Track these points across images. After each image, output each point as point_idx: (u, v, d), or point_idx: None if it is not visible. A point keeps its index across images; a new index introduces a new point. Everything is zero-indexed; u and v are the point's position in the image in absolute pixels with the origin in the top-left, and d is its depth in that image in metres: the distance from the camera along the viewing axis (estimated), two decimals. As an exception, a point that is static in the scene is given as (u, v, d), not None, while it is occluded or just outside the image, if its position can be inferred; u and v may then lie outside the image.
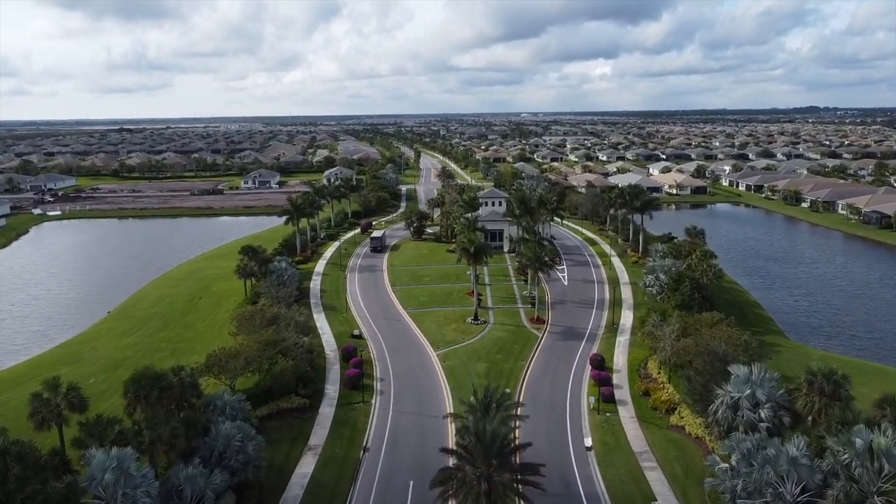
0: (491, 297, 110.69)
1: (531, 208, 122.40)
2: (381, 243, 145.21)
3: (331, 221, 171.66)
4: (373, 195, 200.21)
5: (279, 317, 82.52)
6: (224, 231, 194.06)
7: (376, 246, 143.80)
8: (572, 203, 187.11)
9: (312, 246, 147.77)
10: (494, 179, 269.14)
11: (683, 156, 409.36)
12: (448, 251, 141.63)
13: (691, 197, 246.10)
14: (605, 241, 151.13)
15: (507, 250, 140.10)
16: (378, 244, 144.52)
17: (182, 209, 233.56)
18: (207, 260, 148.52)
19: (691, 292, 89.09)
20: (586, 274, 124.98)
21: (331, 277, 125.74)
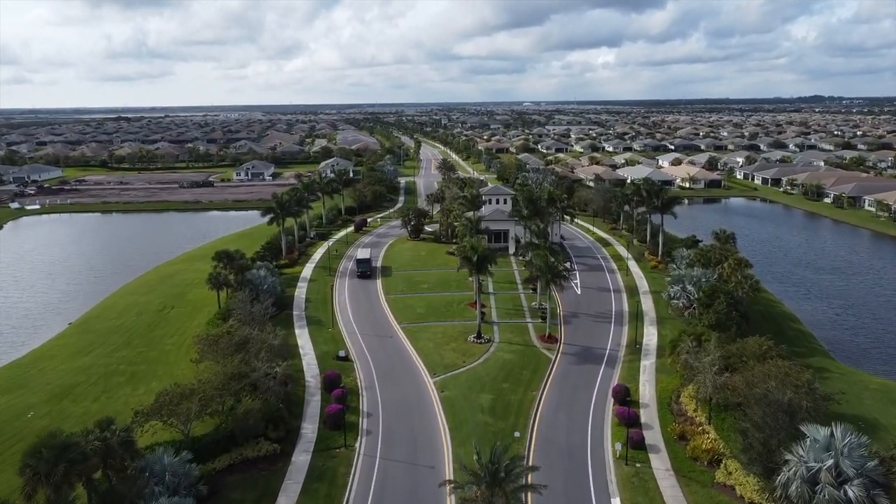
0: (496, 310, 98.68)
1: (540, 208, 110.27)
2: (368, 267, 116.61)
3: (322, 219, 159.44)
4: (369, 189, 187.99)
5: (250, 340, 70.59)
6: (211, 227, 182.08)
7: (364, 271, 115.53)
8: (581, 199, 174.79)
9: (301, 247, 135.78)
10: (497, 171, 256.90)
11: (692, 147, 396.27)
12: (448, 253, 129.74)
13: (705, 191, 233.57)
14: (620, 242, 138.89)
15: (513, 253, 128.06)
16: (366, 268, 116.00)
17: (169, 203, 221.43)
18: (187, 261, 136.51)
19: (728, 310, 76.94)
20: (601, 281, 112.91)
21: (318, 284, 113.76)
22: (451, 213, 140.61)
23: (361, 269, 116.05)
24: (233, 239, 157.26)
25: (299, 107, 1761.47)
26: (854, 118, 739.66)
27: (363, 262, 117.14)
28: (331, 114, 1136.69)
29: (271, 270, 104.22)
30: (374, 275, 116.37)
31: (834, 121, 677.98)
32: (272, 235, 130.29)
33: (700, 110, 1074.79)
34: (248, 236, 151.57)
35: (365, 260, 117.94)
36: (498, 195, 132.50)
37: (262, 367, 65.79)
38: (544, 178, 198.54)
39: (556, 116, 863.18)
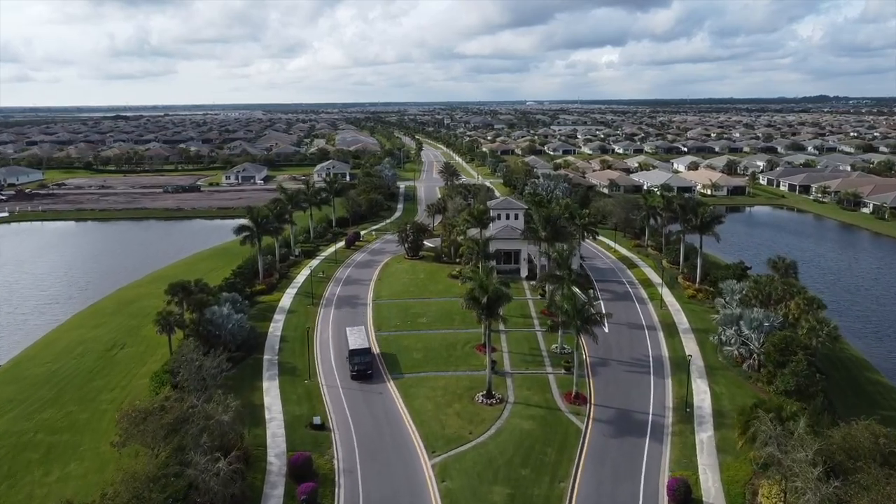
0: (508, 354, 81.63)
1: (560, 228, 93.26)
2: (367, 362, 75.79)
3: (309, 232, 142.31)
4: (363, 198, 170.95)
5: (190, 417, 53.61)
6: (189, 239, 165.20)
7: (362, 369, 74.96)
8: (599, 210, 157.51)
9: (283, 267, 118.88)
10: (503, 176, 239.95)
11: (706, 148, 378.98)
12: (451, 276, 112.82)
13: (728, 199, 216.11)
14: (647, 263, 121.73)
15: (526, 276, 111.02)
16: (364, 364, 75.25)
17: (149, 210, 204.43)
18: (152, 283, 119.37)
19: (809, 372, 59.84)
20: (631, 313, 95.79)
21: (298, 316, 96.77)
22: (454, 229, 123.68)
23: (358, 366, 74.91)
24: (209, 255, 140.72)
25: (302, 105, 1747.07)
26: (866, 118, 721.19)
27: (360, 355, 75.58)
28: (332, 113, 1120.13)
29: (238, 305, 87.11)
30: (378, 371, 76.95)
31: (847, 121, 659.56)
32: (248, 255, 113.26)
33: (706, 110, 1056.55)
34: (226, 252, 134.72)
35: (362, 351, 76.10)
36: (508, 209, 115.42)
37: (202, 462, 48.79)
38: (556, 185, 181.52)
39: (560, 116, 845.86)
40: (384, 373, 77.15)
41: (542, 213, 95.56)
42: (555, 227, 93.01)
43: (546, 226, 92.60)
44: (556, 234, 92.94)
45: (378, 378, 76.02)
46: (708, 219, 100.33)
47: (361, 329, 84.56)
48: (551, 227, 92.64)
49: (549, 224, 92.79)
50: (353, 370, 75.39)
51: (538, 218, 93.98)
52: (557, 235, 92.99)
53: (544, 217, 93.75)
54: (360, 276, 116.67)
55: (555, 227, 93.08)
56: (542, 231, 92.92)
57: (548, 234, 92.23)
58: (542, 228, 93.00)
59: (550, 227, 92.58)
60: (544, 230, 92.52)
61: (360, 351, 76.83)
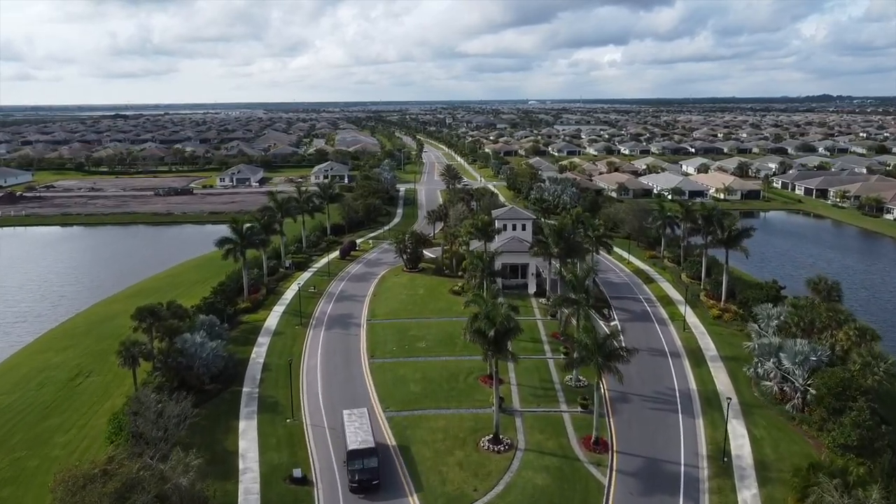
0: (517, 388, 72.69)
1: (574, 243, 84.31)
2: (369, 470, 55.26)
3: (301, 242, 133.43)
4: (360, 203, 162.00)
5: (142, 482, 44.72)
6: (178, 246, 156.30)
7: (365, 478, 54.91)
8: (609, 216, 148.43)
9: (271, 281, 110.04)
10: (507, 178, 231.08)
11: (714, 149, 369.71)
12: (452, 292, 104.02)
13: (742, 203, 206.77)
14: (665, 277, 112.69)
15: (535, 293, 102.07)
16: (367, 472, 55.12)
17: (137, 215, 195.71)
18: (131, 298, 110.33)
19: (873, 423, 50.93)
20: (651, 337, 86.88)
21: (284, 339, 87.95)
22: (456, 239, 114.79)
23: (360, 474, 54.72)
24: (196, 265, 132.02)
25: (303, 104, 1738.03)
26: (873, 118, 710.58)
27: (362, 458, 55.16)
28: (333, 112, 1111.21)
29: (217, 329, 78.33)
30: (385, 480, 56.01)
31: (854, 121, 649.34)
32: (232, 270, 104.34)
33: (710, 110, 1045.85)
34: (214, 262, 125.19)
35: (365, 452, 55.52)
36: (514, 220, 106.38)
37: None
38: (563, 189, 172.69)
39: (563, 115, 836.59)
40: (377, 408, 68.24)
41: (554, 226, 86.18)
42: (568, 241, 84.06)
43: (558, 240, 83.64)
44: (570, 250, 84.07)
45: (392, 490, 55.16)
46: (735, 232, 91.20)
47: (364, 415, 61.49)
48: (564, 242, 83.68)
49: (562, 238, 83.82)
50: (353, 480, 54.46)
51: (549, 231, 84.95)
52: (571, 251, 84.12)
53: (556, 230, 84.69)
54: (354, 292, 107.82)
55: (568, 242, 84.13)
56: (555, 246, 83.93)
57: (560, 249, 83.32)
58: (555, 243, 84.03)
59: (563, 241, 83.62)
60: (556, 245, 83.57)
61: (363, 452, 55.13)
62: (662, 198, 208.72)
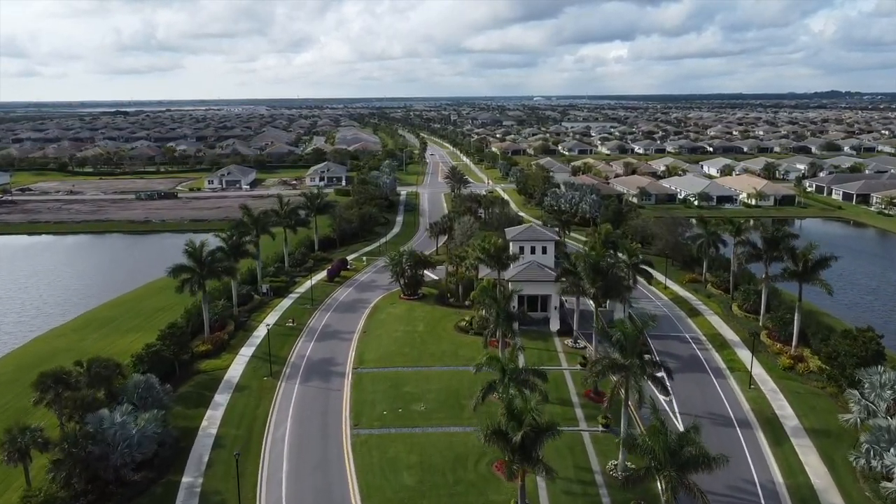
0: (544, 484, 54.57)
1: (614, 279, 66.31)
2: None
3: (284, 261, 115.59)
4: (354, 212, 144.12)
5: None
6: (150, 260, 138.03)
7: None
8: (635, 228, 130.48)
9: (243, 312, 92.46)
10: (517, 181, 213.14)
11: (733, 148, 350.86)
12: (458, 328, 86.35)
13: (776, 210, 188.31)
14: (711, 308, 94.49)
15: (558, 331, 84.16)
16: None
17: (111, 223, 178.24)
18: (78, 331, 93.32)
19: None
20: (710, 396, 68.88)
21: (247, 397, 70.24)
22: (462, 262, 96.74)
23: None
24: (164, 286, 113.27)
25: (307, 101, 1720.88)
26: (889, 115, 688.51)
27: None
28: (336, 108, 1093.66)
29: (154, 395, 60.55)
30: None
31: (871, 118, 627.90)
32: (191, 305, 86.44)
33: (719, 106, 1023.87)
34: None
35: None
36: (533, 241, 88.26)
37: None
38: (581, 196, 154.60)
39: (570, 112, 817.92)
40: (357, 516, 50.48)
41: (591, 259, 67.53)
42: (606, 276, 66.03)
43: (595, 276, 65.54)
44: (610, 289, 66.16)
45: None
46: (813, 261, 72.85)
47: None
48: (602, 280, 65.67)
49: (599, 273, 65.72)
50: None
51: (584, 267, 66.61)
52: (611, 290, 66.20)
53: (592, 263, 66.31)
54: (340, 326, 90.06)
55: (607, 279, 66.07)
56: (591, 285, 65.76)
57: (598, 289, 65.29)
58: (591, 282, 65.90)
59: (601, 278, 65.59)
60: (593, 284, 65.48)
61: None
62: (688, 203, 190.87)
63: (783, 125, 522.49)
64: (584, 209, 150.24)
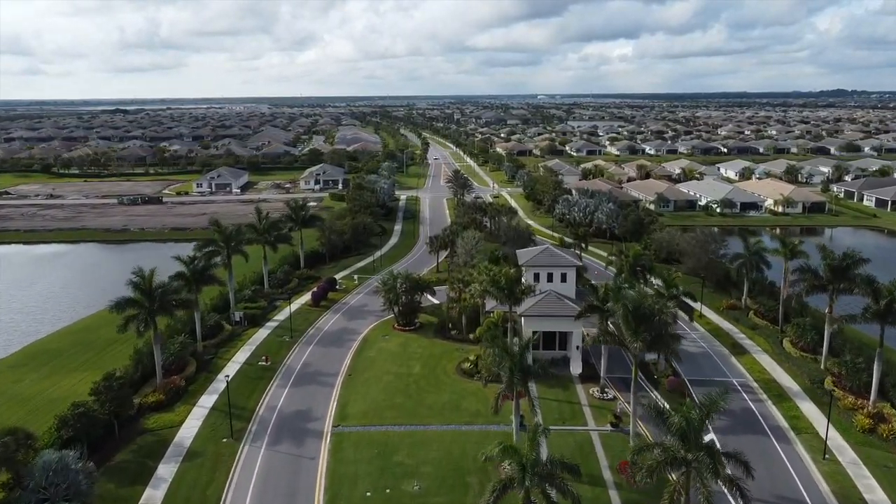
0: None
1: (662, 327, 52.26)
2: None
3: (264, 282, 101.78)
4: (347, 222, 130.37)
5: None
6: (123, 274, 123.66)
7: None
8: (659, 243, 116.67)
9: (210, 348, 78.89)
10: (525, 185, 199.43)
11: (748, 149, 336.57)
12: (461, 370, 72.77)
13: (805, 218, 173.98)
14: (757, 343, 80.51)
15: (580, 374, 70.46)
16: None
17: (87, 232, 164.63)
18: (16, 369, 79.84)
19: None
20: (773, 470, 54.96)
21: (199, 468, 56.53)
22: (466, 288, 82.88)
23: None
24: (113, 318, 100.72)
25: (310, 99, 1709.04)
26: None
27: None
28: (338, 107, 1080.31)
29: (69, 475, 46.96)
30: None
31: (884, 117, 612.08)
32: (142, 344, 72.46)
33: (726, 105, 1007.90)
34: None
35: None
36: (551, 267, 74.34)
37: None
38: (598, 205, 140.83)
39: (575, 111, 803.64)
40: None
41: (632, 301, 52.93)
42: (650, 325, 51.78)
43: (638, 327, 51.40)
44: (657, 341, 52.14)
45: None
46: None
47: None
48: (647, 329, 51.55)
49: (643, 322, 51.47)
50: None
51: (623, 312, 52.36)
52: (658, 342, 52.20)
53: (633, 308, 51.91)
54: (322, 366, 76.41)
55: (653, 327, 51.71)
56: (634, 338, 51.42)
57: (644, 340, 51.22)
58: (632, 332, 51.56)
59: (645, 327, 51.48)
60: (636, 336, 51.23)
61: None
62: (710, 210, 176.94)
63: (796, 125, 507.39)
64: (599, 219, 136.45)
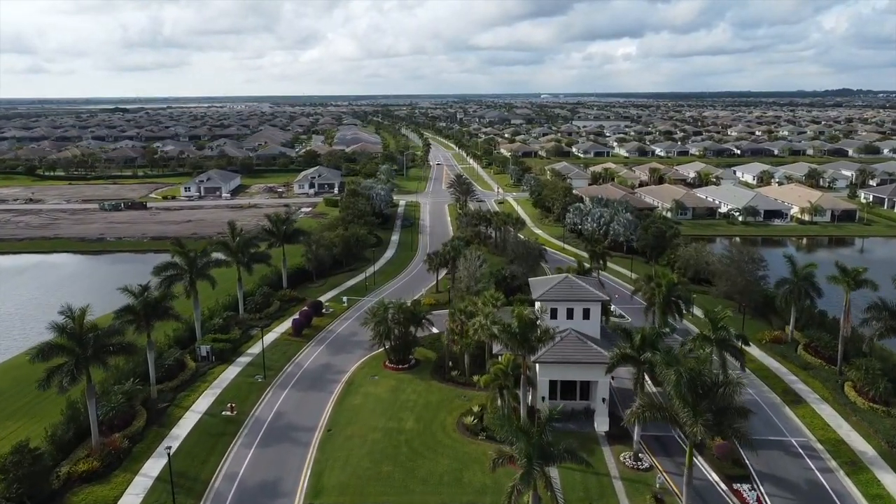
0: None
1: (727, 400, 39.62)
2: None
3: (238, 308, 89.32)
4: (338, 234, 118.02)
5: None
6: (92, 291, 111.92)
7: None
8: (686, 260, 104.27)
9: (166, 393, 66.65)
10: (531, 190, 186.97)
11: (761, 151, 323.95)
12: (463, 424, 60.52)
13: (835, 227, 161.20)
14: (814, 390, 68.01)
15: (607, 432, 58.23)
16: None
17: (59, 241, 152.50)
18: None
19: None
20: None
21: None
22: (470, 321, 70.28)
23: None
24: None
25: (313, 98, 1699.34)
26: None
27: None
28: (340, 106, 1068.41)
29: None
30: None
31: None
32: (80, 393, 60.19)
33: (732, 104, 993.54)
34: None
35: None
36: (571, 301, 61.71)
37: None
38: (613, 215, 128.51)
39: (580, 110, 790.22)
40: None
41: (688, 369, 40.28)
42: (713, 398, 38.92)
43: (697, 405, 38.58)
44: (723, 422, 39.27)
45: None
46: None
47: None
48: (710, 406, 38.66)
49: (704, 396, 38.55)
50: None
51: (679, 385, 39.43)
52: (724, 423, 39.31)
53: (689, 378, 39.17)
54: (296, 417, 64.07)
55: (713, 399, 38.95)
56: (695, 421, 38.48)
57: (706, 420, 38.40)
58: (692, 413, 38.65)
59: (707, 403, 38.64)
60: (697, 417, 38.30)
61: None
62: (731, 219, 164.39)
63: (807, 125, 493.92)
64: (616, 230, 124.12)
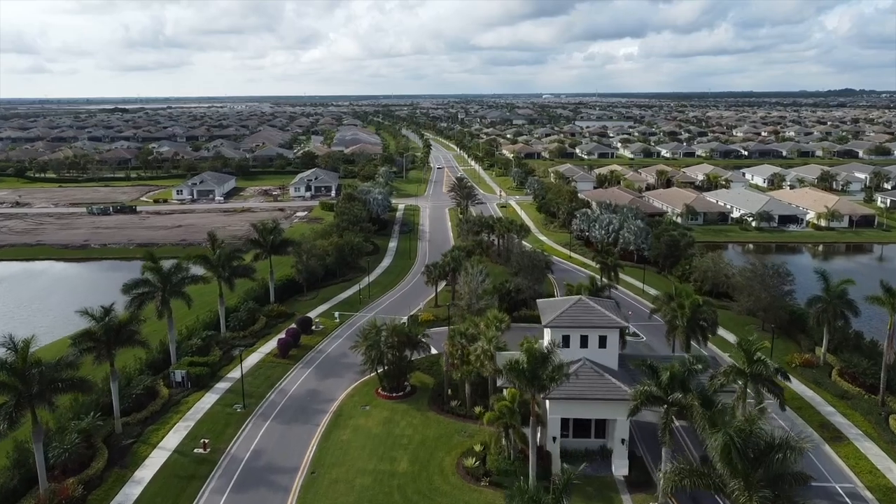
0: None
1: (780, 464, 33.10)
2: None
3: (220, 326, 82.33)
4: (332, 242, 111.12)
5: None
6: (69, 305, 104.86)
7: None
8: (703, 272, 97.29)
9: (131, 427, 59.76)
10: (535, 194, 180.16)
11: (769, 152, 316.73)
12: (465, 469, 53.54)
13: (853, 233, 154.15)
14: (856, 424, 60.95)
15: (626, 476, 51.34)
16: None
17: (41, 248, 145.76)
18: None
19: None
20: None
21: None
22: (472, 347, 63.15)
23: None
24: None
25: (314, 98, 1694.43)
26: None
27: None
28: (341, 106, 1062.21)
29: None
30: None
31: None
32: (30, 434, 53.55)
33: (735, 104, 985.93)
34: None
35: None
36: (585, 328, 54.49)
37: None
38: (623, 222, 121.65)
39: (582, 110, 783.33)
40: None
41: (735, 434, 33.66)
42: (766, 462, 32.31)
43: (749, 471, 31.89)
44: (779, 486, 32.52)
45: None
46: None
47: None
48: (763, 472, 32.14)
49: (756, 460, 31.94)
50: None
51: (726, 448, 32.63)
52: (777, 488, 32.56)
53: (741, 445, 32.44)
54: (276, 457, 57.09)
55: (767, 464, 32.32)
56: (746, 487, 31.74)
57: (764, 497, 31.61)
58: (743, 480, 31.83)
59: (759, 468, 32.11)
60: (750, 486, 31.55)
61: None
62: (744, 224, 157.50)
63: (813, 125, 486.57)
64: (626, 238, 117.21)
